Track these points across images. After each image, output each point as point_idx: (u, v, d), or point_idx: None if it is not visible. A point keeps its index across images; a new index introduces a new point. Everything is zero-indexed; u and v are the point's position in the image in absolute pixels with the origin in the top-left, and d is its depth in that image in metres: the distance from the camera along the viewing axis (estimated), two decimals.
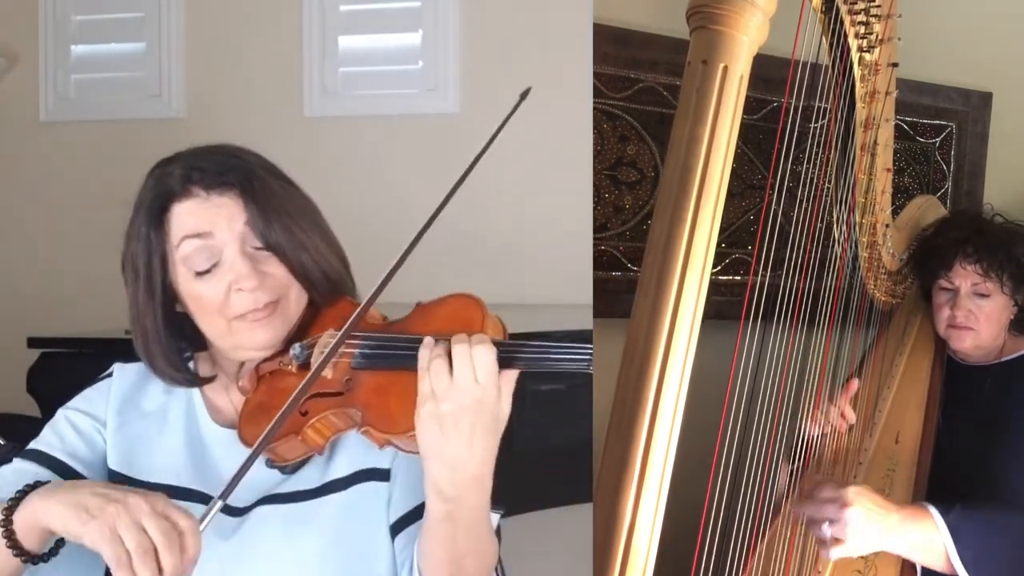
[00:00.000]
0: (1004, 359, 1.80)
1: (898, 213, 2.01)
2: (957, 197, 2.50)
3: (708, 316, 1.04)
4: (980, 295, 1.75)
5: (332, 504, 1.23)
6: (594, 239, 2.14)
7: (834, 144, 1.64)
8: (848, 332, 1.76)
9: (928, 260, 1.84)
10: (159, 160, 1.28)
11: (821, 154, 1.60)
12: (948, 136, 2.49)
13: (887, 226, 1.81)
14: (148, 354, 1.27)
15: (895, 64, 1.59)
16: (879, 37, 1.52)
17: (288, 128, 3.27)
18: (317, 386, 1.16)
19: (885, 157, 1.70)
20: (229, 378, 1.30)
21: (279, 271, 1.21)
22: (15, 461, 1.25)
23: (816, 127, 1.57)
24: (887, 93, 1.60)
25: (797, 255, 1.51)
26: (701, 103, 1.00)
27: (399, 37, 3.31)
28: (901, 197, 2.26)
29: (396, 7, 3.30)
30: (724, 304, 2.11)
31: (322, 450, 1.20)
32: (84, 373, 2.32)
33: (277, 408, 1.15)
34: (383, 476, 1.25)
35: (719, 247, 0.99)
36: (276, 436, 1.16)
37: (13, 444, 1.32)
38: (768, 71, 1.29)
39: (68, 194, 3.49)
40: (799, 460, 1.64)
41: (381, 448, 1.16)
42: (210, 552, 1.11)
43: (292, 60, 3.33)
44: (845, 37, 1.51)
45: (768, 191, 2.10)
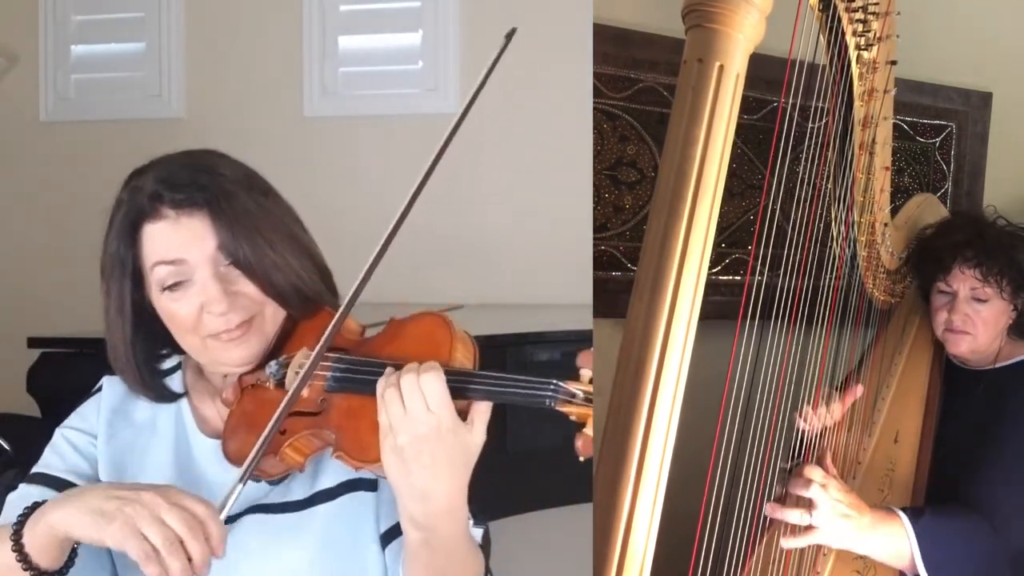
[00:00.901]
0: (999, 365, 1.79)
1: (898, 213, 2.01)
2: (957, 197, 2.50)
3: (707, 316, 1.04)
4: (978, 300, 1.74)
5: (320, 515, 1.22)
6: (594, 239, 2.14)
7: (833, 143, 1.64)
8: (847, 331, 1.75)
9: (927, 262, 1.83)
10: (134, 169, 1.27)
11: (820, 153, 1.59)
12: (948, 136, 2.48)
13: (886, 225, 1.81)
14: (118, 368, 1.27)
15: (893, 62, 1.58)
16: (877, 35, 1.51)
17: (288, 128, 3.28)
18: (295, 404, 1.16)
19: (884, 155, 1.70)
20: (215, 387, 1.30)
21: (251, 290, 1.20)
22: (21, 487, 1.25)
23: (815, 127, 1.56)
24: (885, 91, 1.60)
25: (796, 254, 1.51)
26: (697, 102, 1.00)
27: (399, 37, 3.31)
28: (901, 197, 2.26)
29: (396, 7, 3.31)
30: (724, 304, 2.10)
31: (302, 468, 1.19)
32: (84, 373, 2.31)
33: (258, 423, 1.16)
34: (370, 486, 1.24)
35: (718, 247, 0.99)
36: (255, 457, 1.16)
37: (18, 471, 1.31)
38: (768, 71, 1.29)
39: (68, 194, 3.50)
40: (797, 459, 1.64)
41: (357, 471, 1.16)
42: None
43: (292, 60, 3.33)
44: (843, 35, 1.51)
45: (765, 191, 2.10)
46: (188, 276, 1.18)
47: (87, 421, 1.30)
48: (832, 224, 1.69)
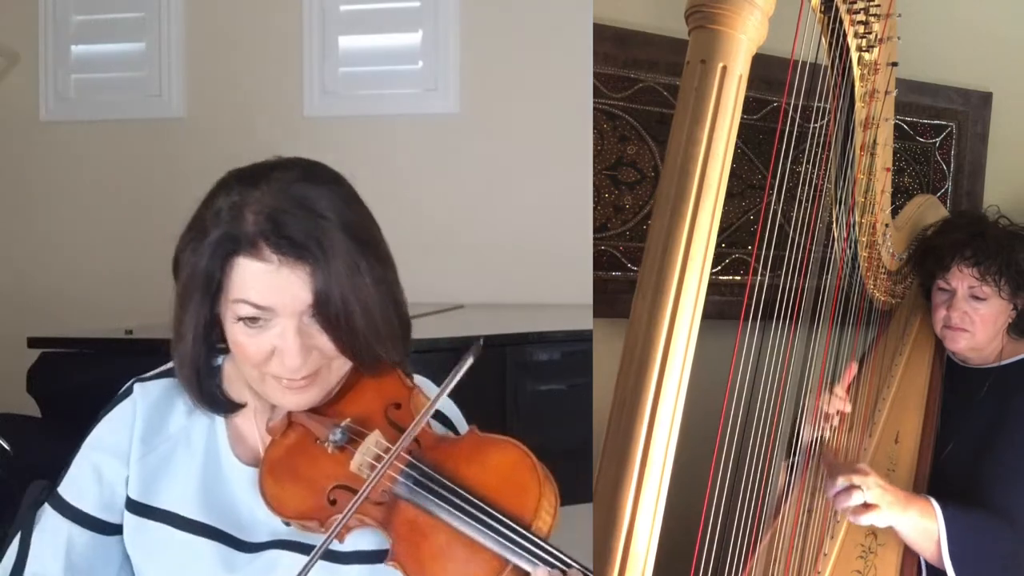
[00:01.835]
0: (1003, 363, 1.80)
1: (898, 213, 2.01)
2: (957, 197, 2.50)
3: (708, 316, 1.04)
4: (976, 298, 1.75)
5: (355, 574, 1.17)
6: (594, 239, 2.14)
7: (833, 144, 1.64)
8: (848, 332, 1.76)
9: (927, 260, 1.84)
10: (236, 174, 1.19)
11: (821, 154, 1.59)
12: (948, 136, 2.49)
13: (887, 225, 1.81)
14: (183, 379, 1.21)
15: (895, 63, 1.59)
16: (878, 36, 1.52)
17: (288, 128, 3.28)
18: (351, 479, 1.12)
19: (884, 156, 1.70)
20: (258, 403, 1.25)
21: (328, 346, 1.15)
22: (49, 515, 1.21)
23: (815, 127, 1.56)
24: (886, 92, 1.60)
25: (797, 255, 1.51)
26: (700, 103, 0.99)
27: (399, 37, 3.31)
28: (901, 197, 2.26)
29: (396, 7, 3.31)
30: (724, 304, 2.10)
31: (343, 539, 1.13)
32: (84, 373, 2.32)
33: (304, 477, 1.13)
34: None
35: (719, 247, 0.99)
36: (298, 515, 1.14)
37: (45, 483, 1.25)
38: (768, 71, 1.29)
39: (68, 194, 3.50)
40: (798, 456, 1.64)
41: None
42: None
43: (292, 60, 3.33)
44: (844, 36, 1.51)
45: (767, 191, 2.10)
46: (270, 319, 1.13)
47: (119, 443, 1.24)
48: (833, 225, 1.69)
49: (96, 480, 1.22)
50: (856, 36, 1.52)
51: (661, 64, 2.16)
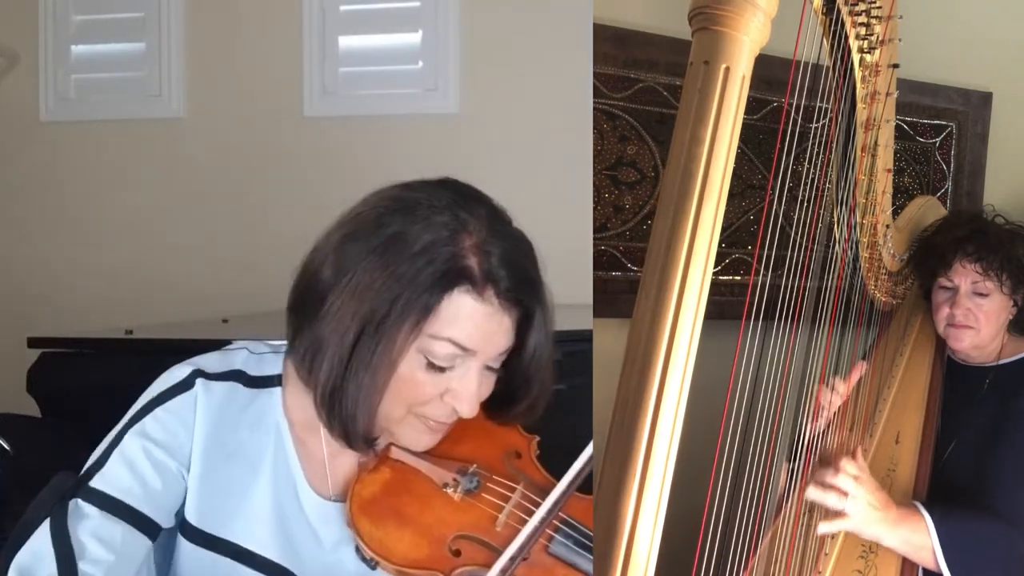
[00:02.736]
0: (1003, 361, 1.80)
1: (899, 213, 2.01)
2: (957, 197, 2.50)
3: (709, 316, 1.04)
4: (979, 294, 1.76)
5: None
6: (594, 239, 2.14)
7: (835, 145, 1.64)
8: (849, 332, 1.76)
9: (928, 258, 1.85)
10: (461, 196, 1.11)
11: (822, 155, 1.60)
12: (948, 136, 2.49)
13: (887, 226, 1.81)
14: (342, 414, 1.07)
15: (896, 65, 1.59)
16: (880, 38, 1.52)
17: (288, 128, 3.27)
18: (480, 530, 1.06)
19: (885, 158, 1.70)
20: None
21: (488, 391, 1.12)
22: (90, 513, 1.08)
23: (817, 127, 1.57)
24: (888, 94, 1.60)
25: (798, 255, 1.51)
26: (703, 104, 1.00)
27: (399, 37, 3.31)
28: (901, 197, 2.26)
29: (396, 7, 3.30)
30: (725, 304, 2.11)
31: None
32: (84, 373, 2.32)
33: (412, 521, 1.05)
34: None
35: (720, 247, 0.99)
36: (409, 563, 1.04)
37: (68, 472, 1.12)
38: (770, 72, 1.29)
39: (68, 194, 3.50)
40: (799, 459, 1.64)
41: None
42: None
43: (292, 60, 3.33)
44: (846, 38, 1.51)
45: (768, 191, 2.10)
46: (462, 363, 1.07)
47: (176, 438, 1.12)
48: (834, 225, 1.70)
49: (150, 470, 1.10)
50: (858, 38, 1.52)
51: (661, 64, 2.16)
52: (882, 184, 1.72)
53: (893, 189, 1.82)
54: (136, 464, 1.10)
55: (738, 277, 2.21)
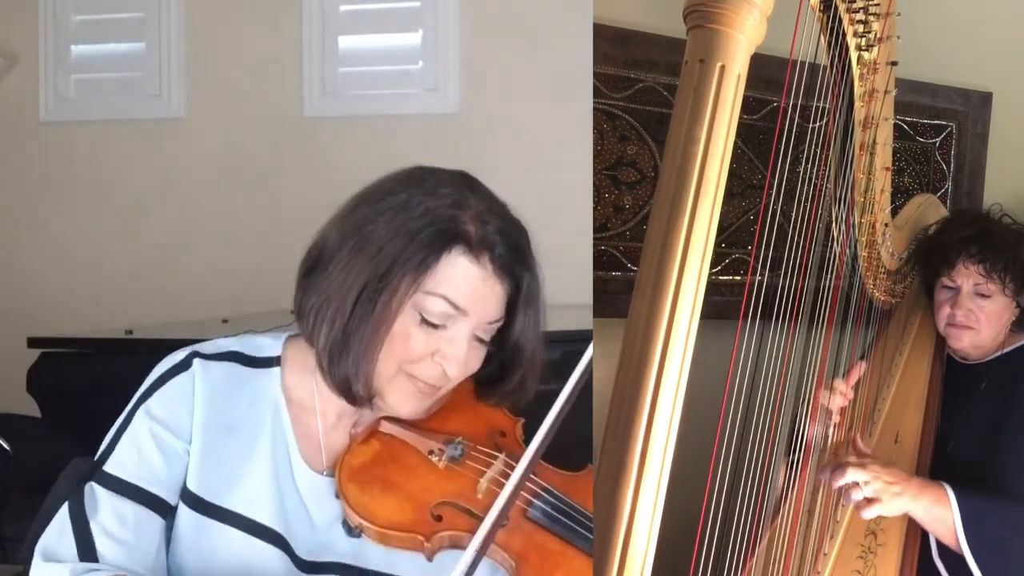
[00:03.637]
0: (1001, 352, 1.79)
1: (898, 213, 2.01)
2: (957, 197, 2.50)
3: (707, 316, 1.04)
4: (981, 295, 1.74)
5: None
6: (594, 239, 2.14)
7: (833, 143, 1.64)
8: (848, 332, 1.76)
9: (931, 257, 1.83)
10: (467, 181, 1.19)
11: (820, 154, 1.59)
12: (948, 136, 2.49)
13: (886, 225, 1.81)
14: (339, 368, 1.13)
15: (894, 62, 1.59)
16: (878, 35, 1.52)
17: (288, 128, 3.28)
18: (462, 497, 1.10)
19: (884, 156, 1.70)
20: (328, 406, 1.20)
21: (477, 363, 1.16)
22: (105, 496, 1.13)
23: (815, 127, 1.56)
24: (886, 92, 1.60)
25: (796, 255, 1.51)
26: (698, 102, 0.99)
27: (399, 37, 3.32)
28: (901, 197, 2.26)
29: (396, 7, 3.31)
30: (724, 304, 2.11)
31: (431, 558, 1.10)
32: (84, 373, 2.32)
33: (397, 487, 1.10)
34: None
35: (719, 247, 0.99)
36: (393, 526, 1.09)
37: (84, 457, 1.18)
38: (769, 71, 1.29)
39: (68, 194, 3.50)
40: (798, 454, 1.64)
41: None
42: None
43: (292, 60, 3.33)
44: (844, 35, 1.51)
45: (767, 191, 2.10)
46: (448, 322, 1.12)
47: (177, 417, 1.16)
48: (833, 224, 1.69)
49: (157, 453, 1.14)
50: (855, 35, 1.51)
51: (661, 64, 2.16)
52: (881, 182, 1.72)
53: (893, 189, 1.82)
54: (143, 446, 1.15)
55: (738, 277, 2.20)
